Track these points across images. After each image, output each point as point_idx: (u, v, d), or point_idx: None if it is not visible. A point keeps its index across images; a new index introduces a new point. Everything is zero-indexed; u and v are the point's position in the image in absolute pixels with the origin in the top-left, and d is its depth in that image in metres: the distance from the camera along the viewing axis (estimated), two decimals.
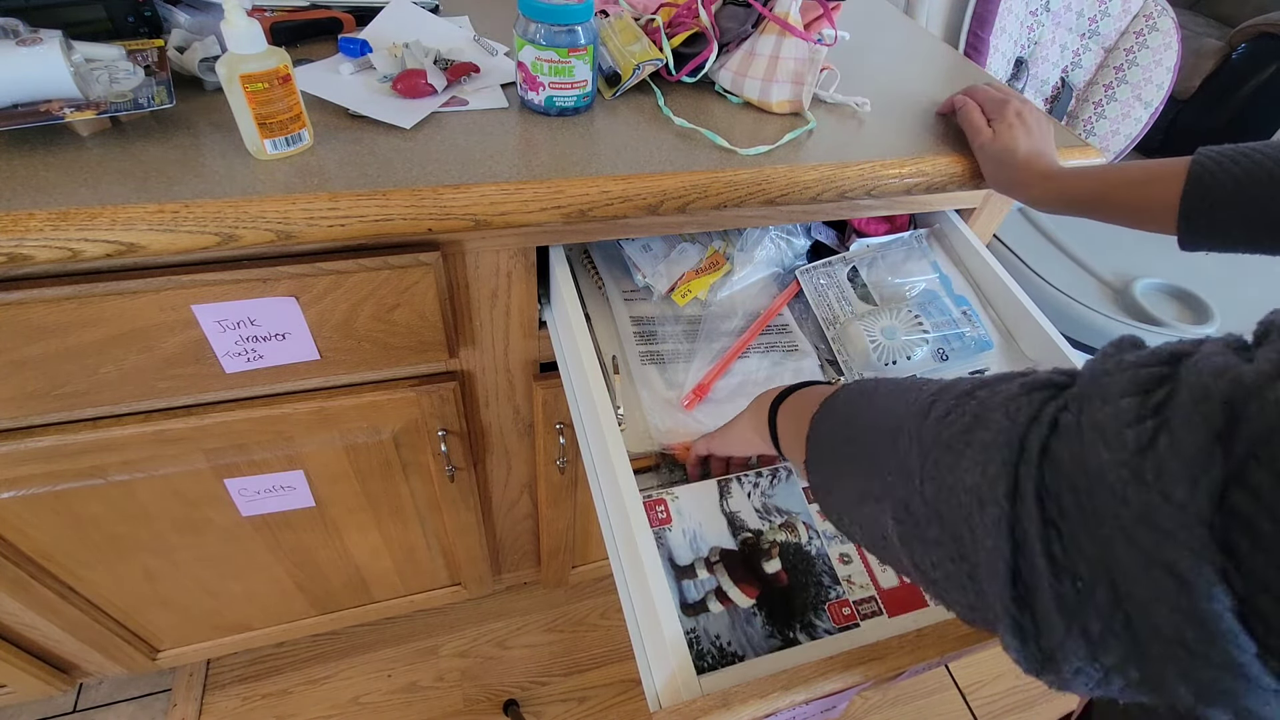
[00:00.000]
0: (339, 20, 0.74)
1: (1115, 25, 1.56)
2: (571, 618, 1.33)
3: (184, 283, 0.57)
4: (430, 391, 0.76)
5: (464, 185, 0.58)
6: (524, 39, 0.63)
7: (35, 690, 0.98)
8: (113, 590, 0.89)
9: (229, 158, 0.57)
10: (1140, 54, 1.54)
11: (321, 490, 0.84)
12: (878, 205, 0.76)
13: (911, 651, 0.47)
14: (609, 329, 0.73)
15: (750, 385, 0.69)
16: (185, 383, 0.66)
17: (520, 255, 0.68)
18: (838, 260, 0.79)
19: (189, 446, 0.72)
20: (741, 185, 0.64)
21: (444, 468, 0.85)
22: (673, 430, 0.63)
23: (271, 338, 0.64)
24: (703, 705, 0.42)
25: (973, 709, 1.29)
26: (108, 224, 0.50)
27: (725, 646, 0.50)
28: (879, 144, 0.71)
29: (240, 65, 0.52)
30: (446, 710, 1.19)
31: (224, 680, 1.18)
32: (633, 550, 0.50)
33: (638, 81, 0.73)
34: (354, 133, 0.62)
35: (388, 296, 0.65)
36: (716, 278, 0.77)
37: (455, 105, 0.68)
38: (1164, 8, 1.52)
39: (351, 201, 0.55)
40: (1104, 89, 1.60)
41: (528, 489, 1.00)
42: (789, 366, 0.71)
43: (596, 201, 0.61)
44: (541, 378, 0.82)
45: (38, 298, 0.55)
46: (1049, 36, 1.57)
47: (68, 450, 0.67)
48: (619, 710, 1.22)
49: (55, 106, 0.54)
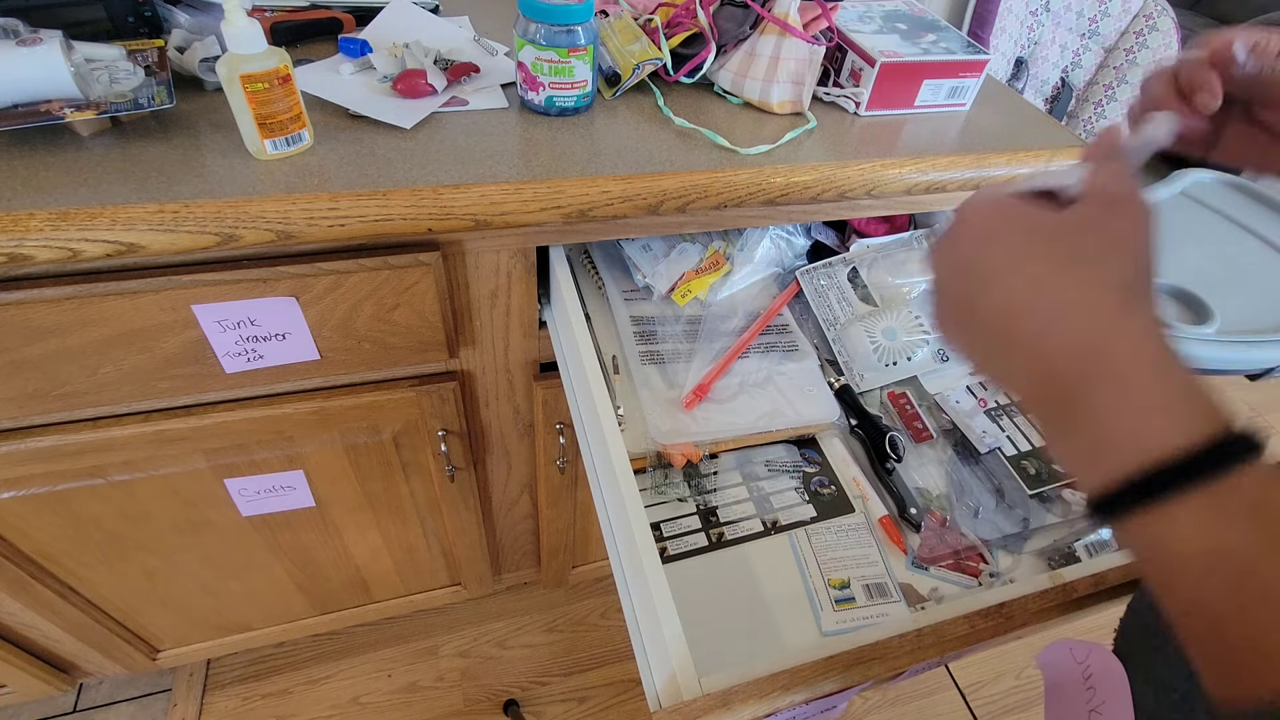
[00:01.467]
0: (339, 20, 0.74)
1: (1115, 25, 1.56)
2: (571, 618, 1.33)
3: (184, 283, 0.57)
4: (430, 391, 0.76)
5: (464, 185, 0.58)
6: (524, 39, 0.63)
7: (35, 690, 0.98)
8: (113, 590, 0.89)
9: (229, 158, 0.57)
10: (1140, 54, 1.54)
11: (321, 490, 0.84)
12: (878, 205, 0.76)
13: (911, 651, 0.47)
14: (609, 329, 0.73)
15: (750, 385, 0.69)
16: (185, 383, 0.66)
17: (520, 255, 0.68)
18: (838, 261, 0.79)
19: (189, 446, 0.72)
20: (741, 185, 0.64)
21: (444, 468, 0.85)
22: (673, 430, 0.63)
23: (271, 338, 0.64)
24: (703, 705, 0.42)
25: (973, 709, 1.29)
26: (108, 224, 0.50)
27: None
28: (879, 144, 0.71)
29: (240, 65, 0.52)
30: (446, 710, 1.19)
31: (224, 680, 1.18)
32: (633, 550, 0.50)
33: (637, 81, 0.73)
34: (354, 133, 0.62)
35: (388, 296, 0.65)
36: (716, 278, 0.77)
37: (455, 105, 0.68)
38: (1164, 8, 1.52)
39: (351, 201, 0.55)
40: (1104, 89, 1.60)
41: (528, 489, 1.00)
42: (789, 367, 0.71)
43: (596, 201, 0.61)
44: (541, 378, 0.82)
45: (38, 298, 0.55)
46: (1049, 36, 1.57)
47: (68, 450, 0.67)
48: (619, 710, 1.22)
49: (55, 106, 0.54)
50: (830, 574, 0.58)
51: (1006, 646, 1.16)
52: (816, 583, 0.57)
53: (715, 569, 0.58)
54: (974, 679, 1.33)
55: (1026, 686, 1.33)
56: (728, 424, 0.65)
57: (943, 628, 0.48)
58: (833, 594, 0.56)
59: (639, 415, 0.65)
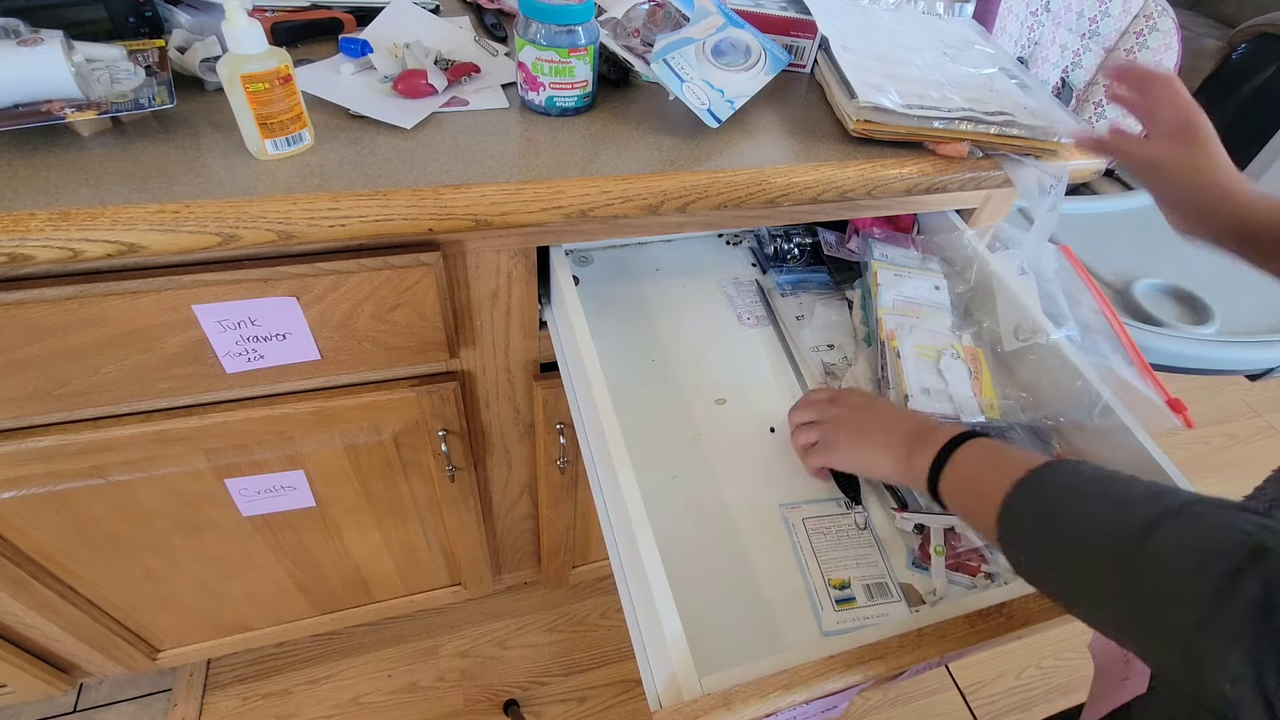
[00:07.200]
0: (339, 20, 0.74)
1: (1115, 25, 1.56)
2: (572, 618, 1.33)
3: (185, 283, 0.57)
4: (431, 391, 0.76)
5: (464, 185, 0.58)
6: (524, 39, 0.63)
7: (36, 690, 0.98)
8: (113, 590, 0.89)
9: (230, 158, 0.57)
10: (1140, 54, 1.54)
11: (322, 490, 0.84)
12: (878, 205, 0.76)
13: (911, 651, 0.47)
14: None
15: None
16: (186, 383, 0.66)
17: (521, 255, 0.68)
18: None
19: (189, 446, 0.72)
20: (742, 185, 0.64)
21: (444, 468, 0.85)
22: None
23: (272, 338, 0.64)
24: (703, 705, 0.42)
25: (973, 709, 1.29)
26: (108, 224, 0.50)
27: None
28: (879, 144, 0.71)
29: (241, 65, 0.52)
30: (446, 710, 1.19)
31: (224, 680, 1.18)
32: (633, 550, 0.50)
33: (637, 81, 0.73)
34: (354, 133, 0.62)
35: (388, 296, 0.65)
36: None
37: (456, 105, 0.68)
38: (1164, 8, 1.52)
39: (352, 202, 0.55)
40: (1104, 89, 1.60)
41: (528, 489, 1.00)
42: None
43: (597, 201, 0.61)
44: (542, 378, 0.82)
45: (39, 298, 0.55)
46: (1049, 36, 1.57)
47: (68, 450, 0.67)
48: (619, 710, 1.22)
49: (56, 107, 0.54)
50: (830, 574, 0.58)
51: (1006, 646, 1.16)
52: (816, 583, 0.57)
53: (716, 568, 0.58)
54: (974, 679, 1.33)
55: (1026, 686, 1.33)
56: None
57: (943, 628, 0.48)
58: (833, 594, 0.56)
59: None
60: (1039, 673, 1.35)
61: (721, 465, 0.65)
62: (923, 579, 0.58)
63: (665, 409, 0.70)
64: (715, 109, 0.66)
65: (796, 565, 0.58)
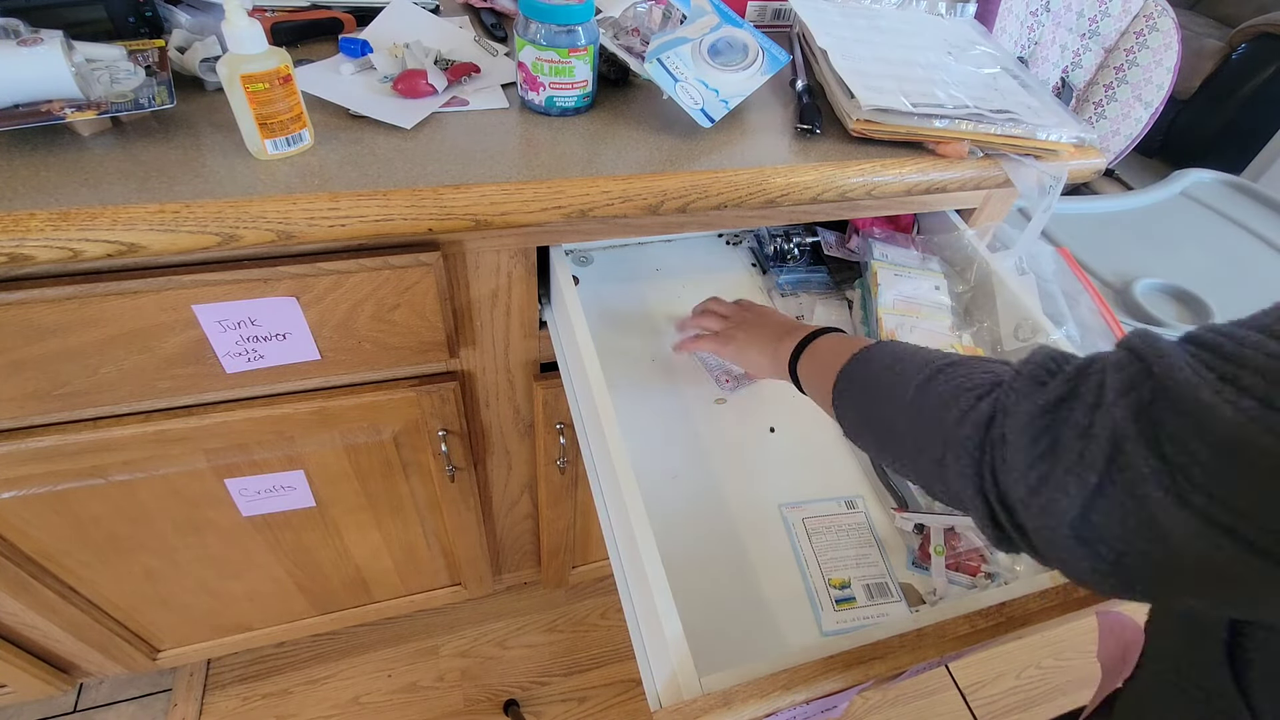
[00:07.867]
0: (339, 20, 0.74)
1: (1115, 25, 1.56)
2: (571, 618, 1.33)
3: (185, 283, 0.57)
4: (430, 391, 0.76)
5: (464, 185, 0.58)
6: (524, 39, 0.63)
7: (36, 690, 0.98)
8: (113, 590, 0.89)
9: (230, 158, 0.57)
10: (1140, 54, 1.54)
11: (322, 490, 0.84)
12: (878, 205, 0.76)
13: (911, 651, 0.47)
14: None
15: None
16: (186, 383, 0.66)
17: (521, 255, 0.68)
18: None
19: (189, 446, 0.72)
20: (742, 185, 0.64)
21: (444, 468, 0.85)
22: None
23: (272, 338, 0.64)
24: (703, 705, 0.42)
25: (973, 709, 1.29)
26: (108, 224, 0.50)
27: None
28: (879, 143, 0.71)
29: (241, 65, 0.52)
30: (446, 710, 1.19)
31: (224, 680, 1.18)
32: (633, 550, 0.50)
33: (637, 80, 0.73)
34: (354, 133, 0.62)
35: (388, 296, 0.65)
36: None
37: (456, 105, 0.68)
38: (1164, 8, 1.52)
39: (352, 202, 0.55)
40: (1104, 89, 1.60)
41: (528, 489, 1.00)
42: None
43: (597, 201, 0.61)
44: (542, 378, 0.82)
45: (38, 298, 0.55)
46: (1049, 36, 1.56)
47: (68, 450, 0.67)
48: (619, 710, 1.22)
49: (56, 106, 0.54)
50: (830, 574, 0.58)
51: (1006, 646, 1.16)
52: (816, 583, 0.57)
53: (716, 568, 0.58)
54: (974, 679, 1.33)
55: (1027, 686, 1.33)
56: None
57: (943, 628, 0.48)
58: (833, 594, 0.56)
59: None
60: (1039, 673, 1.35)
61: (721, 465, 0.65)
62: (923, 579, 0.58)
63: (665, 409, 0.70)
64: (709, 109, 0.66)
65: (796, 565, 0.58)
